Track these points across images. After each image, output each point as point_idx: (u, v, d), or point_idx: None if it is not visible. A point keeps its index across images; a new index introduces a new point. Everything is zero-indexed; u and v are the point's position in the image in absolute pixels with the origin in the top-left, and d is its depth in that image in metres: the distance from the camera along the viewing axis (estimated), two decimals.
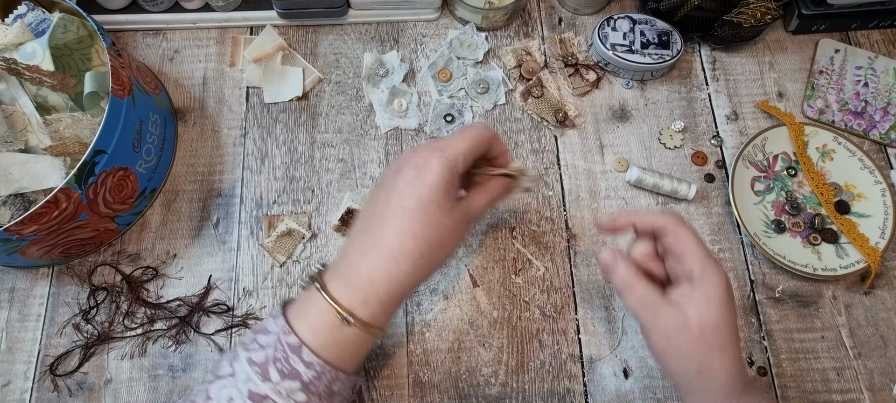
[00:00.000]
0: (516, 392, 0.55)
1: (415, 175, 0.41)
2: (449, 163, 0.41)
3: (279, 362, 0.39)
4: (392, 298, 0.41)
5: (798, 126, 0.64)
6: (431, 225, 0.41)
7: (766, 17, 0.64)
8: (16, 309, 0.58)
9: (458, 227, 0.43)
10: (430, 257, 0.41)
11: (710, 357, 0.41)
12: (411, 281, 0.41)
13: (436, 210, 0.41)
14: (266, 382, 0.38)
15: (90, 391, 0.55)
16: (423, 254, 0.41)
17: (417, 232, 0.41)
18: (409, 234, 0.40)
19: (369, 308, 0.40)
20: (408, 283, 0.41)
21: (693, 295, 0.42)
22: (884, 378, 0.56)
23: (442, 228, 0.41)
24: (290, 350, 0.39)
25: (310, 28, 0.70)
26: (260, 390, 0.38)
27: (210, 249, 0.60)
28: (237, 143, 0.65)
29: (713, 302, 0.41)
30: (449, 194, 0.42)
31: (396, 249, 0.40)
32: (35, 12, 0.58)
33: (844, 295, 0.59)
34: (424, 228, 0.41)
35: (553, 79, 0.68)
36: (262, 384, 0.38)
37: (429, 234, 0.41)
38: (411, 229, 0.41)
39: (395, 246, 0.40)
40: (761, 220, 0.61)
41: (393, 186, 0.42)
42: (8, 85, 0.55)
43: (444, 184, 0.41)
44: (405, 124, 0.66)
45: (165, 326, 0.57)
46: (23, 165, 0.53)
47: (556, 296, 0.59)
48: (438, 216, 0.41)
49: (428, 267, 0.42)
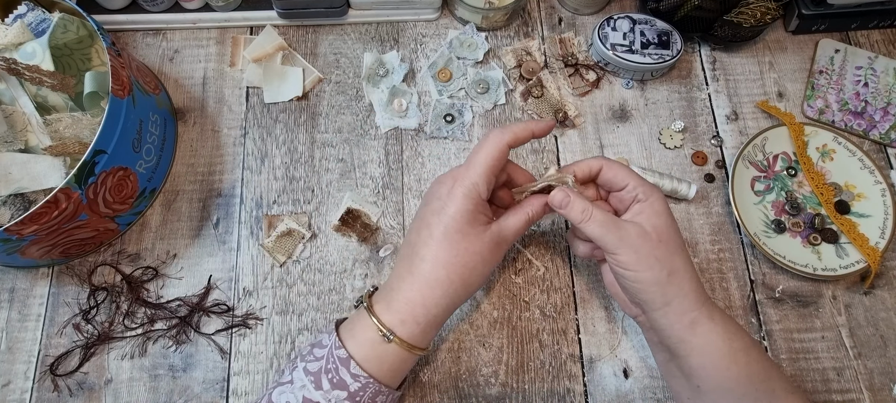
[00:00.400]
0: (516, 392, 0.55)
1: (439, 206, 0.45)
2: (469, 193, 0.44)
3: (330, 372, 0.43)
4: (429, 321, 0.45)
5: (798, 126, 0.64)
6: (459, 254, 0.44)
7: (766, 17, 0.64)
8: (16, 309, 0.58)
9: (489, 251, 0.45)
10: (461, 283, 0.45)
11: (675, 259, 0.44)
12: (446, 304, 0.45)
13: (461, 239, 0.44)
14: (318, 390, 0.43)
15: (90, 391, 0.55)
16: (452, 281, 0.44)
17: (446, 260, 0.44)
18: (439, 264, 0.44)
19: (407, 328, 0.44)
20: (443, 306, 0.45)
21: (643, 209, 0.45)
22: (884, 378, 0.56)
23: (469, 254, 0.44)
24: (340, 363, 0.43)
25: (310, 28, 0.70)
26: (313, 396, 0.43)
27: (210, 249, 0.60)
28: (237, 143, 0.65)
29: (661, 214, 0.45)
30: (474, 221, 0.45)
31: (429, 276, 0.44)
32: (35, 12, 0.58)
33: (844, 295, 0.59)
34: (452, 256, 0.44)
35: (553, 79, 0.68)
36: (315, 391, 0.43)
37: (457, 261, 0.44)
38: (441, 258, 0.44)
39: (428, 273, 0.44)
40: (761, 220, 0.61)
41: (422, 217, 0.46)
42: (8, 85, 0.55)
43: (466, 213, 0.44)
44: (405, 124, 0.66)
45: (165, 326, 0.57)
46: (23, 165, 0.53)
47: (556, 296, 0.59)
48: (465, 244, 0.44)
49: (460, 292, 0.45)
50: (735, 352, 0.43)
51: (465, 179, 0.45)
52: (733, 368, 0.43)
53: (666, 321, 0.45)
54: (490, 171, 0.45)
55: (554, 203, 0.47)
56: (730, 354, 0.43)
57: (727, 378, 0.43)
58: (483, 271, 0.46)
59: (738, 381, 0.43)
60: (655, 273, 0.44)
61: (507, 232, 0.47)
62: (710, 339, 0.44)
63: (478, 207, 0.45)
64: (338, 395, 0.43)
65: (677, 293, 0.44)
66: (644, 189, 0.46)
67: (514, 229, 0.47)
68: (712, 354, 0.44)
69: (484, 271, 0.46)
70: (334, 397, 0.43)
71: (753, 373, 0.43)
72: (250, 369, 0.56)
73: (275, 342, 0.57)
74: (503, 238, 0.46)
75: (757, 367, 0.43)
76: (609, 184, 0.48)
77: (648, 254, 0.44)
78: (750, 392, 0.43)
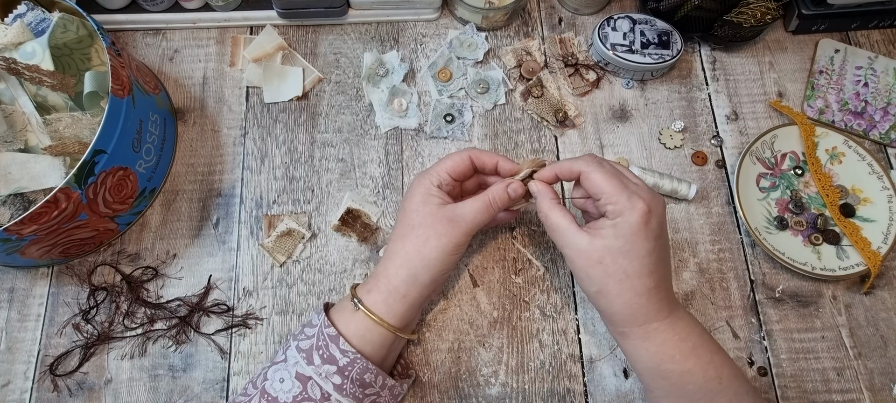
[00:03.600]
0: (516, 392, 0.55)
1: (406, 196, 0.52)
2: (426, 180, 0.50)
3: (321, 349, 0.46)
4: (390, 291, 0.48)
5: (809, 126, 0.64)
6: (413, 227, 0.49)
7: (766, 17, 0.64)
8: (15, 309, 0.58)
9: (442, 225, 0.48)
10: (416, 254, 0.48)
11: (608, 283, 0.45)
12: (404, 275, 0.48)
13: (415, 215, 0.49)
14: (310, 365, 0.46)
15: (90, 391, 0.55)
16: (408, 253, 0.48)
17: (401, 234, 0.50)
18: (396, 238, 0.50)
19: (371, 297, 0.48)
20: (402, 277, 0.48)
21: (603, 225, 0.46)
22: (884, 379, 0.56)
23: (422, 227, 0.48)
24: (329, 340, 0.47)
25: (310, 28, 0.70)
26: (305, 372, 0.46)
27: (210, 249, 0.60)
28: (237, 143, 0.65)
29: (622, 235, 0.45)
30: (427, 201, 0.49)
31: (390, 250, 0.50)
32: (35, 12, 0.58)
33: (844, 295, 0.59)
34: (407, 231, 0.49)
35: (553, 79, 0.68)
36: (307, 367, 0.46)
37: (411, 234, 0.49)
38: (397, 234, 0.50)
39: (389, 249, 0.51)
40: (763, 216, 0.61)
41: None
42: (8, 84, 0.55)
43: (420, 196, 0.50)
44: (405, 124, 0.66)
45: (165, 326, 0.57)
46: (22, 165, 0.53)
47: (556, 296, 0.59)
48: (418, 219, 0.49)
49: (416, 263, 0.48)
50: (665, 372, 0.46)
51: (429, 171, 0.51)
52: (662, 382, 0.47)
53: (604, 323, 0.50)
54: (450, 169, 0.51)
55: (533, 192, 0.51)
56: (657, 371, 0.46)
57: (658, 386, 0.47)
58: (437, 244, 0.48)
59: (668, 392, 0.46)
60: (585, 287, 0.48)
61: (464, 210, 0.49)
62: (638, 354, 0.47)
63: (430, 190, 0.50)
64: (328, 369, 0.46)
65: (605, 309, 0.47)
66: (614, 205, 0.45)
67: (471, 209, 0.49)
68: (639, 365, 0.48)
69: (438, 244, 0.48)
70: (325, 371, 0.46)
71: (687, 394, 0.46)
72: (250, 369, 0.56)
73: (275, 342, 0.57)
74: (459, 215, 0.49)
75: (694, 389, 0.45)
76: (587, 190, 0.48)
77: (581, 269, 0.47)
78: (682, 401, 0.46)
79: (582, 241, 0.46)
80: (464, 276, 0.60)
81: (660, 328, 0.46)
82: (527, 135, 0.66)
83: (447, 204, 0.50)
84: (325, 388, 0.45)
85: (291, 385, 0.46)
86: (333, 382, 0.46)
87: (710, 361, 0.46)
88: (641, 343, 0.46)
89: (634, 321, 0.46)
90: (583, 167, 0.47)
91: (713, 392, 0.45)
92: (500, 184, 0.51)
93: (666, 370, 0.46)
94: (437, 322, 0.58)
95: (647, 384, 0.48)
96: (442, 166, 0.51)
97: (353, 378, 0.46)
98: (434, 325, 0.58)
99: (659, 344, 0.46)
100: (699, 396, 0.45)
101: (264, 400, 0.46)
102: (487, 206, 0.49)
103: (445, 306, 0.58)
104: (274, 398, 0.46)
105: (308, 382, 0.45)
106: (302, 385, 0.45)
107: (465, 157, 0.51)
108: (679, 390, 0.46)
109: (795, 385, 0.56)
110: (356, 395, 0.47)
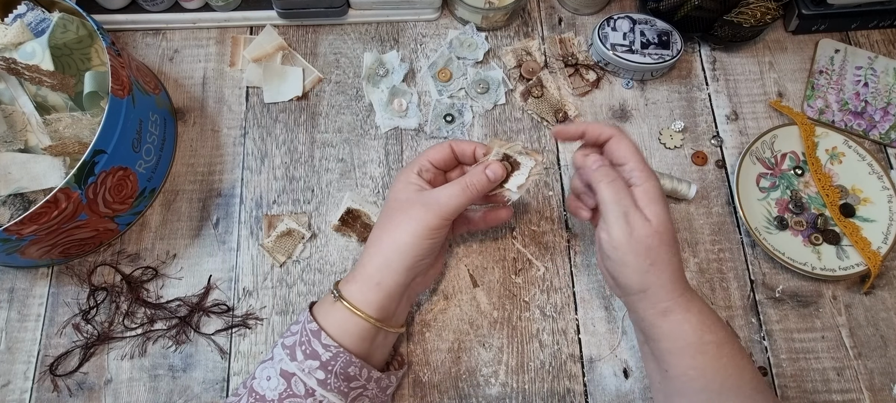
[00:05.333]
0: (516, 392, 0.55)
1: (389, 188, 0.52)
2: (407, 170, 0.51)
3: (304, 345, 0.46)
4: (364, 279, 0.48)
5: (809, 126, 0.64)
6: (388, 215, 0.49)
7: (766, 17, 0.64)
8: (15, 309, 0.58)
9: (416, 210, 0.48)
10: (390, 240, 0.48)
11: (661, 250, 0.46)
12: (378, 263, 0.48)
13: (392, 202, 0.50)
14: (293, 361, 0.46)
15: (90, 391, 0.55)
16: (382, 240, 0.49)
17: (380, 224, 0.50)
18: (375, 228, 0.51)
19: (348, 286, 0.49)
20: (376, 265, 0.48)
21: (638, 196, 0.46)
22: (884, 378, 0.56)
23: (396, 213, 0.49)
24: (311, 335, 0.47)
25: (310, 28, 0.70)
26: (289, 368, 0.46)
27: (210, 249, 0.60)
28: (237, 143, 0.65)
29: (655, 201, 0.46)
30: (405, 189, 0.50)
31: (368, 241, 0.51)
32: (35, 12, 0.58)
33: (844, 295, 0.59)
34: (385, 220, 0.50)
35: (553, 79, 0.68)
36: (290, 363, 0.46)
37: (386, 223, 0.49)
38: (376, 224, 0.51)
39: (368, 240, 0.51)
40: (763, 216, 0.61)
41: None
42: (8, 85, 0.55)
43: (401, 184, 0.50)
44: (405, 124, 0.66)
45: (165, 326, 0.57)
46: (22, 165, 0.53)
47: (556, 296, 0.59)
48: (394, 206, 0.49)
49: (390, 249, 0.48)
50: (705, 344, 0.45)
51: (410, 164, 0.52)
52: (700, 358, 0.45)
53: (641, 305, 0.47)
54: (431, 159, 0.51)
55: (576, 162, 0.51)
56: (699, 345, 0.45)
57: (693, 367, 0.45)
58: (408, 228, 0.47)
59: (704, 371, 0.45)
60: (640, 258, 0.45)
61: (438, 194, 0.49)
62: (682, 328, 0.46)
63: (410, 179, 0.50)
64: (311, 365, 0.46)
65: (655, 281, 0.46)
66: (640, 173, 0.47)
67: (446, 193, 0.48)
68: (680, 342, 0.46)
69: (409, 228, 0.47)
70: (307, 367, 0.46)
71: (721, 367, 0.45)
72: (250, 369, 0.56)
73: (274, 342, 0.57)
74: (433, 199, 0.48)
75: (727, 361, 0.45)
76: (611, 155, 0.49)
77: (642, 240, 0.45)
78: (714, 384, 0.45)
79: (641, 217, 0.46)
80: (464, 276, 0.60)
81: (694, 298, 0.47)
82: (527, 135, 0.66)
83: (424, 190, 0.50)
84: (309, 384, 0.45)
85: (277, 383, 0.46)
86: (317, 377, 0.45)
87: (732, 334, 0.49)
88: (684, 315, 0.46)
89: (681, 289, 0.46)
90: (612, 131, 0.49)
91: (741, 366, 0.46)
92: (477, 166, 0.50)
93: (706, 342, 0.45)
94: (437, 322, 0.58)
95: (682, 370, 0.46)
96: (423, 156, 0.52)
97: (336, 372, 0.46)
98: (434, 325, 0.58)
99: (697, 313, 0.46)
100: (730, 370, 0.45)
101: (252, 399, 0.46)
102: (463, 189, 0.49)
103: (445, 306, 0.58)
104: (261, 395, 0.46)
105: (292, 378, 0.45)
106: (286, 381, 0.45)
107: (446, 147, 0.52)
108: (715, 363, 0.45)
109: (795, 385, 0.56)
110: (341, 389, 0.46)
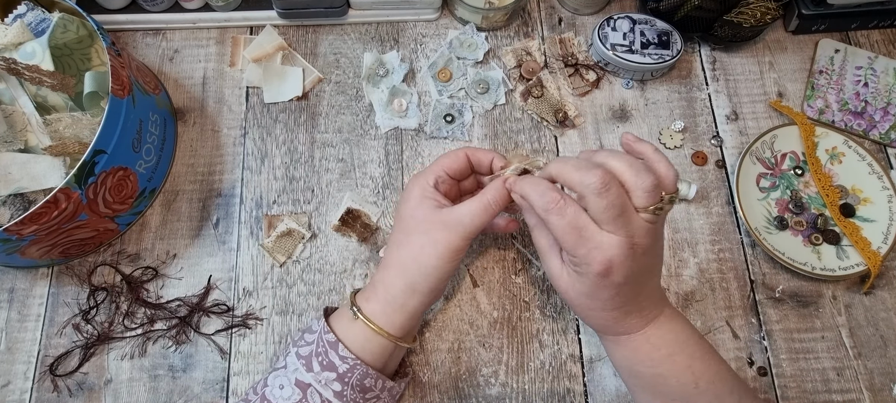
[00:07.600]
0: (516, 393, 0.55)
1: (402, 199, 0.50)
2: (421, 180, 0.49)
3: (320, 356, 0.46)
4: (388, 301, 0.48)
5: (809, 126, 0.64)
6: (408, 234, 0.48)
7: (766, 17, 0.64)
8: (15, 309, 0.58)
9: (437, 231, 0.47)
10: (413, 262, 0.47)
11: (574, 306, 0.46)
12: (401, 285, 0.47)
13: (410, 221, 0.48)
14: (310, 372, 0.46)
15: (90, 391, 0.55)
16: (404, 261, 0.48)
17: (398, 241, 0.49)
18: (393, 245, 0.49)
19: (370, 306, 0.48)
20: (399, 287, 0.47)
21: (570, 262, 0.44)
22: (884, 379, 0.56)
23: (417, 234, 0.47)
24: (329, 347, 0.46)
25: (310, 28, 0.70)
26: (305, 379, 0.45)
27: (210, 249, 0.60)
28: (237, 143, 0.65)
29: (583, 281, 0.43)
30: (422, 205, 0.48)
31: (386, 260, 0.49)
32: (35, 12, 0.58)
33: (844, 296, 0.59)
34: (403, 237, 0.48)
35: (553, 79, 0.68)
36: (306, 374, 0.46)
37: (407, 241, 0.48)
38: (394, 240, 0.49)
39: (386, 257, 0.50)
40: (763, 216, 0.61)
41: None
42: (8, 85, 0.55)
43: (414, 200, 0.48)
44: (405, 124, 0.66)
45: (165, 326, 0.57)
46: (22, 165, 0.53)
47: (556, 296, 0.59)
48: (413, 225, 0.48)
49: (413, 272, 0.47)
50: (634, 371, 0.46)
51: (424, 173, 0.50)
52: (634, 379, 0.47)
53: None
54: (446, 168, 0.50)
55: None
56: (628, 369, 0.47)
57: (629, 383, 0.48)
58: (433, 252, 0.46)
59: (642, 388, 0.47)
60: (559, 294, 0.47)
61: (461, 213, 0.46)
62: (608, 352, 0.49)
63: (426, 192, 0.48)
64: (327, 376, 0.45)
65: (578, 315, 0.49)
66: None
67: (468, 211, 0.46)
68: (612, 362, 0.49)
69: (435, 252, 0.46)
70: (324, 378, 0.45)
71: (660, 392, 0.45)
72: (250, 369, 0.56)
73: (275, 342, 0.57)
74: (455, 219, 0.46)
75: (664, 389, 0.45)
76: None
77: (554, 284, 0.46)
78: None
79: (554, 266, 0.45)
80: (464, 276, 0.60)
81: (631, 338, 0.45)
82: (527, 135, 0.66)
83: (443, 208, 0.48)
84: (325, 395, 0.45)
85: (291, 392, 0.45)
86: (333, 389, 0.45)
87: (686, 367, 0.44)
88: (612, 347, 0.47)
89: (604, 332, 0.47)
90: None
91: (689, 396, 0.44)
92: (496, 181, 0.48)
93: (637, 371, 0.46)
94: (437, 322, 0.58)
95: (622, 378, 0.49)
96: (438, 165, 0.50)
97: (353, 383, 0.46)
98: (434, 325, 0.58)
99: (630, 351, 0.46)
100: (675, 396, 0.45)
101: None
102: (485, 207, 0.46)
103: (445, 306, 0.58)
104: None
105: (308, 389, 0.45)
106: (302, 392, 0.45)
107: (461, 155, 0.50)
108: (653, 389, 0.45)
109: (795, 385, 0.56)
110: (356, 401, 0.46)
